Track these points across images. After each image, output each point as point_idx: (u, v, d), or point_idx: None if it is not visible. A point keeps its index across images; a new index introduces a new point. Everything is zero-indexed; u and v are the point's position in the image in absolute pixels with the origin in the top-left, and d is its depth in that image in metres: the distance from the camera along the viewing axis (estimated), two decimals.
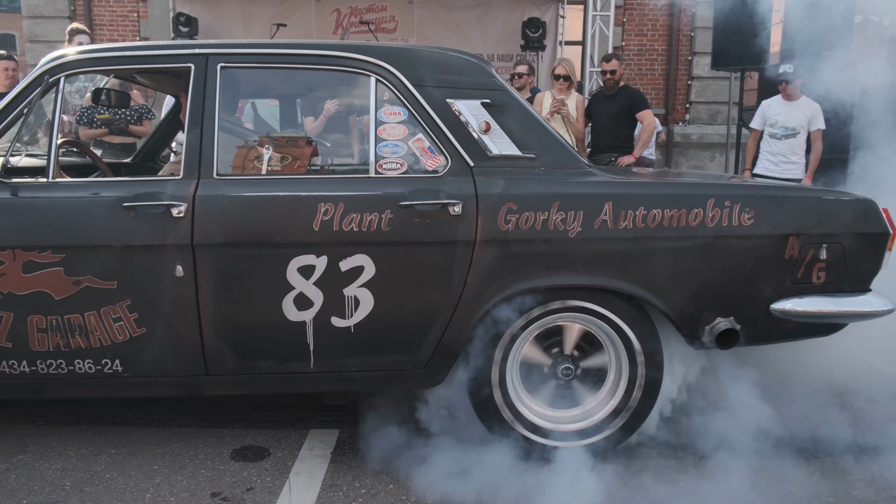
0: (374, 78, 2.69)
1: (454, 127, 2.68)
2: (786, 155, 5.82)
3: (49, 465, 2.78)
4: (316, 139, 3.24)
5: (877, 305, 2.73)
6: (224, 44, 2.76)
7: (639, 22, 10.54)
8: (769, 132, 5.91)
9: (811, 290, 2.72)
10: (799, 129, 5.79)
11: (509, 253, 2.61)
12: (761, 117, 6.02)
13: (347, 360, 2.67)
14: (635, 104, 5.69)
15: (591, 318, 2.73)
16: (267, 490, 2.61)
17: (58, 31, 10.21)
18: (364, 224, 2.55)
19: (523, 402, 2.79)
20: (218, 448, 2.92)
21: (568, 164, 2.77)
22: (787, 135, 5.82)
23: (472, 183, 2.63)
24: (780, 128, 5.84)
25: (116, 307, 2.57)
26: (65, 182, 2.67)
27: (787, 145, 5.82)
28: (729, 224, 2.64)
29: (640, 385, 2.74)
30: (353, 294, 2.59)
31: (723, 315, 2.69)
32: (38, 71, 2.65)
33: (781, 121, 5.85)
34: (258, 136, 3.06)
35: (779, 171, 5.82)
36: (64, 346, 2.59)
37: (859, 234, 2.73)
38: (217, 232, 2.54)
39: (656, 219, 2.62)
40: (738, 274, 2.67)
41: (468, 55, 2.87)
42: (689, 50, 10.66)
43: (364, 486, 2.64)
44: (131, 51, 2.82)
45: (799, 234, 2.67)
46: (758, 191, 2.81)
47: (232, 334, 2.62)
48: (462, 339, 2.66)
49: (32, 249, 2.52)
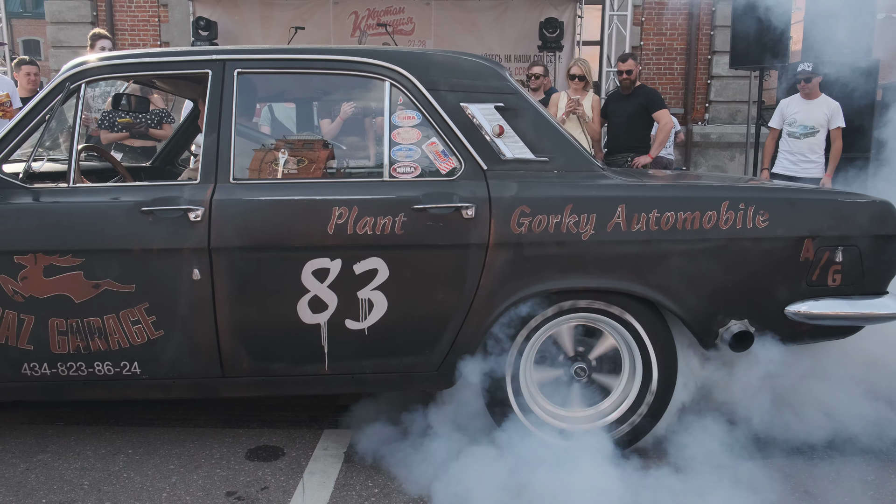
0: (389, 82, 2.71)
1: (468, 130, 2.69)
2: (805, 154, 5.76)
3: (68, 464, 2.83)
4: (332, 142, 3.27)
5: (893, 308, 2.71)
6: (240, 50, 2.80)
7: (657, 21, 10.47)
8: (788, 131, 5.86)
9: (826, 292, 2.70)
10: (818, 128, 5.73)
11: (522, 256, 2.62)
12: (780, 116, 5.96)
13: (361, 362, 2.70)
14: (651, 104, 5.66)
15: (605, 318, 2.73)
16: (281, 489, 2.64)
17: (80, 36, 10.36)
18: (378, 227, 2.57)
19: (537, 403, 2.80)
20: (233, 448, 2.96)
21: (581, 167, 2.77)
22: (806, 133, 5.77)
23: (485, 186, 2.64)
24: (799, 126, 5.79)
25: (135, 310, 2.61)
26: (85, 187, 2.72)
27: (805, 144, 5.75)
28: (743, 227, 2.63)
29: (652, 389, 2.75)
30: (367, 297, 2.62)
31: (737, 317, 2.68)
32: (60, 78, 2.71)
33: (800, 119, 5.79)
34: (274, 141, 3.09)
35: (797, 171, 5.76)
36: (84, 349, 2.63)
37: (876, 237, 2.70)
38: (233, 236, 2.58)
39: (670, 221, 2.62)
40: (752, 276, 2.66)
41: (482, 59, 2.88)
42: (708, 49, 10.57)
43: (377, 485, 2.66)
44: (150, 57, 2.86)
45: (814, 237, 2.65)
46: (772, 193, 2.80)
47: (248, 336, 2.65)
48: (475, 342, 2.67)
49: (53, 253, 2.57)
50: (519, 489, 2.51)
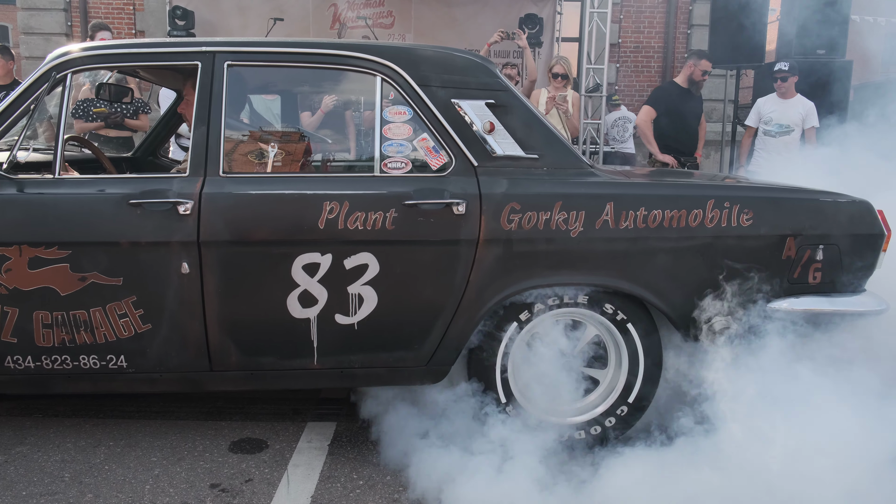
0: (380, 77, 2.71)
1: (459, 127, 2.70)
2: (780, 152, 5.87)
3: (48, 456, 2.80)
4: (318, 135, 3.26)
5: (870, 305, 2.78)
6: (231, 42, 2.78)
7: (636, 19, 10.57)
8: (763, 129, 5.97)
9: (807, 289, 2.77)
10: (793, 127, 5.85)
11: (512, 252, 2.64)
12: (756, 115, 6.07)
13: (351, 356, 2.70)
14: None
15: (593, 313, 2.77)
16: (266, 481, 2.64)
17: (52, 23, 10.18)
18: (369, 223, 2.58)
19: (525, 396, 2.83)
20: (216, 440, 2.95)
21: (570, 165, 2.80)
22: (782, 132, 5.88)
23: (475, 183, 2.65)
24: (775, 125, 5.90)
25: (122, 303, 2.59)
26: (71, 178, 2.69)
27: (781, 143, 5.87)
28: (728, 225, 2.68)
29: (637, 382, 2.80)
30: (357, 292, 2.62)
31: (720, 314, 2.74)
32: (45, 67, 2.66)
33: (776, 118, 5.90)
34: (265, 133, 3.07)
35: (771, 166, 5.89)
36: (69, 342, 2.61)
37: (855, 235, 2.77)
38: (223, 229, 2.56)
39: (657, 219, 2.66)
40: (736, 274, 2.71)
41: (473, 55, 2.90)
42: (685, 47, 10.69)
43: (362, 477, 2.68)
44: (139, 48, 2.82)
45: (796, 235, 2.71)
46: (757, 192, 2.85)
47: (237, 331, 2.64)
48: (465, 337, 2.69)
49: (39, 245, 2.54)
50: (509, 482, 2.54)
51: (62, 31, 10.22)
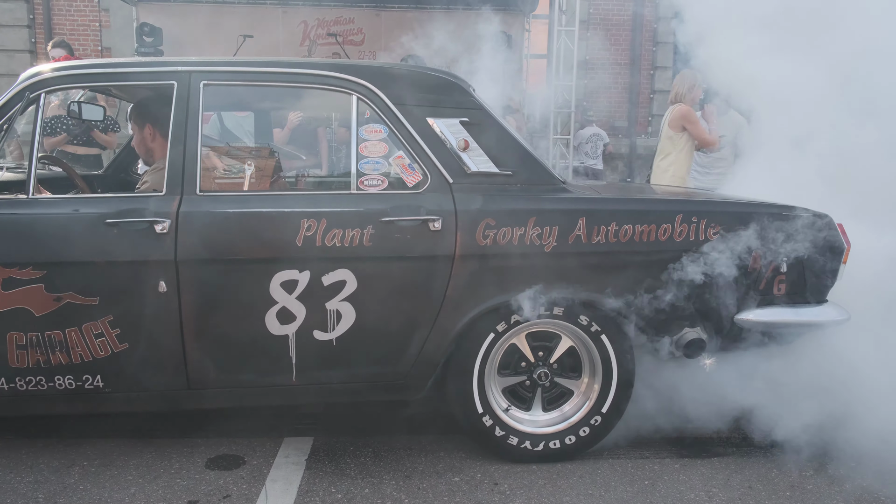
0: (356, 96, 2.75)
1: (434, 144, 2.75)
2: (712, 166, 6.07)
3: (20, 478, 2.75)
4: (295, 153, 3.28)
5: (832, 315, 2.88)
6: (207, 61, 2.79)
7: (603, 37, 10.78)
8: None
9: (772, 301, 2.86)
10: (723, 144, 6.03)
11: (487, 267, 2.69)
12: None
13: (329, 372, 2.72)
14: None
15: (567, 325, 2.81)
16: (244, 497, 2.63)
17: (17, 39, 10.05)
18: (346, 239, 2.61)
19: (501, 408, 2.86)
20: (192, 458, 2.93)
21: (543, 181, 2.86)
22: None
23: (451, 199, 2.70)
24: None
25: (98, 323, 2.58)
26: (45, 198, 2.68)
27: (710, 158, 6.07)
28: (696, 239, 2.77)
29: (611, 392, 2.84)
30: (335, 308, 2.65)
31: (690, 325, 2.81)
32: (19, 87, 2.66)
33: None
34: (241, 151, 3.09)
35: (706, 182, 6.08)
36: (44, 363, 2.59)
37: (817, 248, 2.86)
38: (200, 248, 2.57)
39: (627, 234, 2.73)
40: (704, 286, 2.79)
41: (448, 74, 2.95)
42: (650, 64, 10.93)
43: (340, 490, 2.68)
44: (113, 67, 2.83)
45: (761, 248, 2.80)
46: (723, 207, 2.94)
47: (215, 349, 2.65)
48: (442, 351, 2.73)
49: (12, 266, 2.52)
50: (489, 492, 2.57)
51: (26, 48, 10.10)
